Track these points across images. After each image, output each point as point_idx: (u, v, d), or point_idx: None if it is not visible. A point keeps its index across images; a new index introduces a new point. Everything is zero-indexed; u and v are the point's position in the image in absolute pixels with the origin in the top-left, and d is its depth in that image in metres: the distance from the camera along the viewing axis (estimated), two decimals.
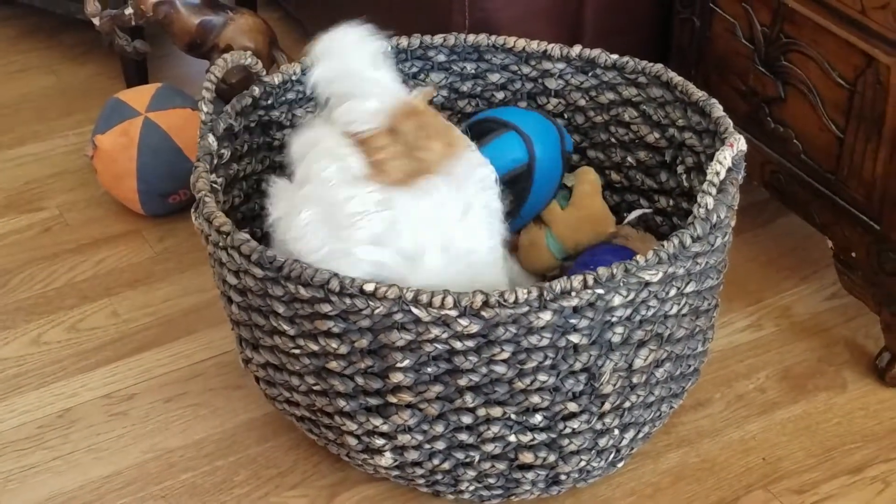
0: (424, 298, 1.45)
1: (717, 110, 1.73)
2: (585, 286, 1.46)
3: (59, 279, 2.09)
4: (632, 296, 1.49)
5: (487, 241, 1.63)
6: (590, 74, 1.87)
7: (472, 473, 1.62)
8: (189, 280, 2.07)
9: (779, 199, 1.94)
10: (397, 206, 1.55)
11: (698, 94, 1.77)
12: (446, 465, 1.61)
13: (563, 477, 1.64)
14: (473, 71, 1.90)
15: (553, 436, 1.58)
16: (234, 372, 1.89)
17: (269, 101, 1.83)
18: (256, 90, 1.81)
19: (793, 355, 1.89)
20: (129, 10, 2.17)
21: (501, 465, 1.61)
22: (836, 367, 1.87)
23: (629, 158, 1.90)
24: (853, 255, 1.80)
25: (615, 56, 1.84)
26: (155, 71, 2.51)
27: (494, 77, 1.90)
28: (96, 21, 2.22)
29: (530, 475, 1.62)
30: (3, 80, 2.58)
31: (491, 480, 1.63)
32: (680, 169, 1.83)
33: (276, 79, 1.82)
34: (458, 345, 1.48)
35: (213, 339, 1.95)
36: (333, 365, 1.55)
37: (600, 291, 1.47)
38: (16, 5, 2.66)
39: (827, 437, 1.77)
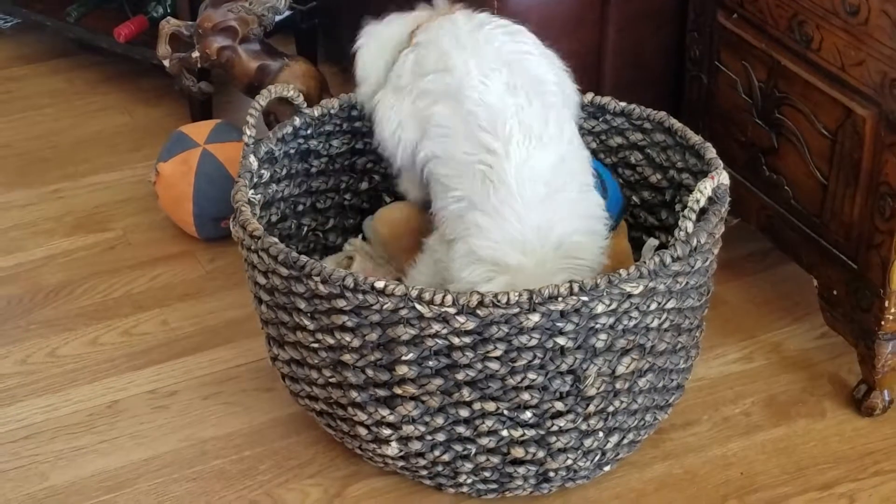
0: (427, 296, 1.63)
1: (710, 152, 1.91)
2: (571, 293, 1.64)
3: (117, 291, 2.31)
4: (614, 305, 1.67)
5: None
6: (600, 119, 2.06)
7: (469, 466, 1.79)
8: (233, 297, 2.28)
9: (772, 241, 2.10)
10: None
11: (695, 138, 1.95)
12: (446, 457, 1.78)
13: (552, 474, 1.80)
14: None
15: (542, 432, 1.74)
16: (266, 377, 2.08)
17: (309, 132, 2.05)
18: (297, 120, 2.03)
19: (779, 385, 2.05)
20: (195, 54, 2.41)
21: (495, 459, 1.78)
22: (818, 397, 2.02)
23: (634, 198, 2.08)
24: (834, 292, 1.96)
25: (623, 103, 2.03)
26: (219, 113, 2.74)
27: None
28: (166, 63, 2.46)
29: (522, 470, 1.78)
30: (84, 118, 2.84)
31: (486, 474, 1.80)
32: (678, 207, 2.01)
33: (316, 111, 2.04)
34: (456, 340, 1.66)
35: (250, 348, 2.15)
36: (347, 358, 1.74)
37: (585, 298, 1.64)
38: (100, 52, 2.93)
39: (802, 457, 1.92)
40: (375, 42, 2.00)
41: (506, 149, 1.80)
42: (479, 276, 1.78)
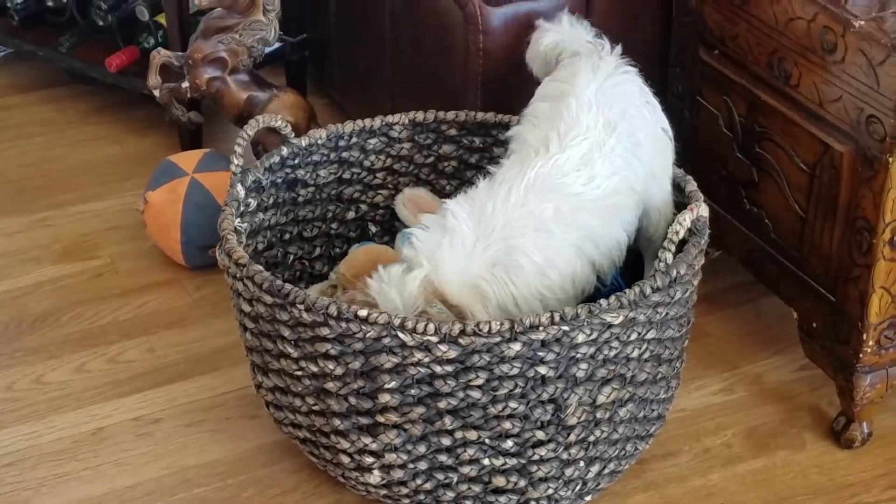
0: (409, 324, 1.65)
1: (691, 185, 1.94)
2: (552, 322, 1.66)
3: (104, 318, 2.32)
4: (595, 335, 1.69)
5: None
6: None
7: (451, 495, 1.80)
8: (219, 325, 2.29)
9: (753, 274, 2.13)
10: None
11: (677, 171, 1.98)
12: (428, 486, 1.79)
13: (533, 503, 1.81)
14: (481, 144, 2.13)
15: (523, 461, 1.76)
16: (250, 404, 2.09)
17: (296, 161, 2.07)
18: (284, 150, 2.05)
19: (759, 417, 2.07)
20: (185, 84, 2.43)
21: (477, 488, 1.79)
22: (798, 429, 2.04)
23: None
24: (814, 325, 1.98)
25: None
26: (209, 143, 2.76)
27: (499, 150, 2.12)
28: (157, 93, 2.48)
29: (503, 499, 1.80)
30: (74, 147, 2.86)
31: (468, 503, 1.81)
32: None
33: (304, 141, 2.07)
34: (438, 369, 1.68)
35: (235, 376, 2.17)
36: (330, 385, 1.76)
37: (566, 328, 1.66)
38: (92, 82, 2.95)
39: (782, 488, 1.93)
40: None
41: (557, 153, 1.85)
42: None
